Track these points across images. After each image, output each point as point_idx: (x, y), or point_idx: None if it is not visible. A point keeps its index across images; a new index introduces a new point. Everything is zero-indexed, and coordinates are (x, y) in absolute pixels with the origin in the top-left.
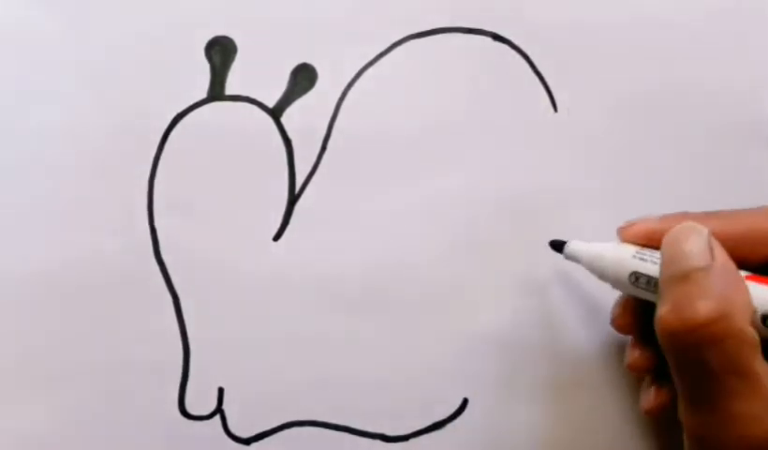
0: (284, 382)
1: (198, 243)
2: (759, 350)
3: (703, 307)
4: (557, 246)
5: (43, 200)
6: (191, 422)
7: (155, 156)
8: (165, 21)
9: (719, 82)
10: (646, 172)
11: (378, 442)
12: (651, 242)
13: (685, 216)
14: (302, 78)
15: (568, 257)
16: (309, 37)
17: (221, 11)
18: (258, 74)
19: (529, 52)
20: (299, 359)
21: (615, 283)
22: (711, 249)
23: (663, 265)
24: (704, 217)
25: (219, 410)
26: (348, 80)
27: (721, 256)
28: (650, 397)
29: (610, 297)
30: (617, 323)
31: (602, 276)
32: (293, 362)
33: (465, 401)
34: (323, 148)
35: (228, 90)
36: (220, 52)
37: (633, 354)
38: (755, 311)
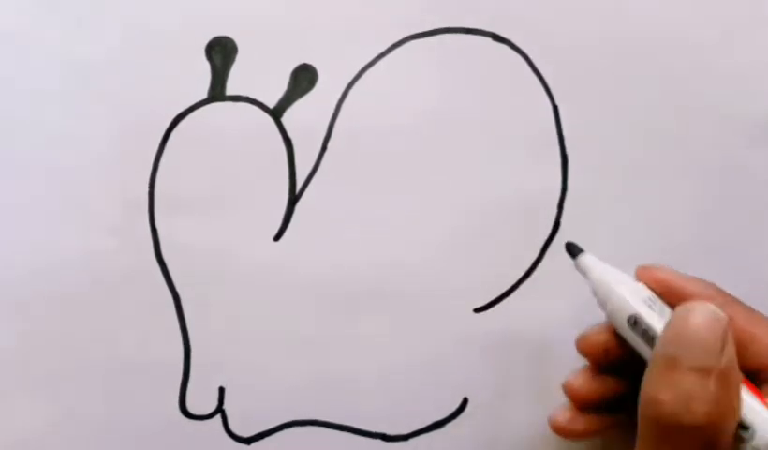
0: (284, 382)
1: (198, 243)
2: None
3: (702, 410)
4: (572, 249)
5: (43, 199)
6: (191, 422)
7: (155, 156)
8: (165, 21)
9: (721, 82)
10: (646, 173)
11: (378, 442)
12: (666, 294)
13: (714, 288)
14: (303, 78)
15: (578, 268)
16: (309, 37)
17: (221, 11)
18: (259, 74)
19: (529, 53)
20: (299, 359)
21: (612, 316)
22: (724, 345)
23: (668, 337)
24: (730, 301)
25: (220, 409)
26: (348, 80)
27: (730, 355)
28: (571, 417)
29: None
30: (589, 341)
31: (603, 304)
32: (293, 362)
33: (465, 401)
34: (323, 148)
35: (229, 90)
36: (220, 52)
37: (583, 379)
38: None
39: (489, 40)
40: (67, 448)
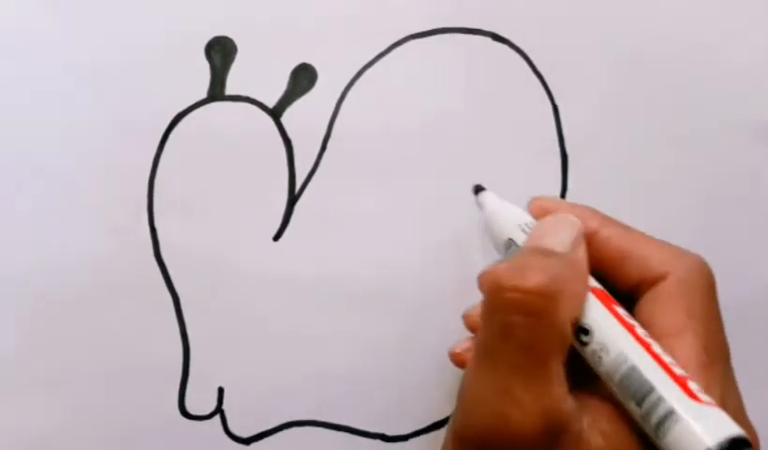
0: (284, 382)
1: (198, 243)
2: (564, 352)
3: (536, 277)
4: (477, 188)
5: (43, 200)
6: (191, 422)
7: (155, 156)
8: (165, 21)
9: (721, 82)
10: (646, 172)
11: (378, 442)
12: None
13: (592, 211)
14: (302, 78)
15: (477, 203)
16: (309, 37)
17: (221, 11)
18: (258, 74)
19: (529, 52)
20: (299, 359)
21: (495, 244)
22: (575, 244)
23: (527, 240)
24: (609, 222)
25: (219, 410)
26: (348, 80)
27: (580, 254)
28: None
29: None
30: (473, 318)
31: (490, 232)
32: (293, 362)
33: None
34: (323, 148)
35: (229, 90)
36: (220, 52)
37: (467, 346)
38: (578, 320)
39: (489, 40)
40: (67, 448)
